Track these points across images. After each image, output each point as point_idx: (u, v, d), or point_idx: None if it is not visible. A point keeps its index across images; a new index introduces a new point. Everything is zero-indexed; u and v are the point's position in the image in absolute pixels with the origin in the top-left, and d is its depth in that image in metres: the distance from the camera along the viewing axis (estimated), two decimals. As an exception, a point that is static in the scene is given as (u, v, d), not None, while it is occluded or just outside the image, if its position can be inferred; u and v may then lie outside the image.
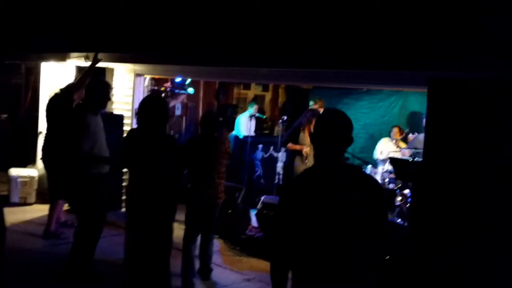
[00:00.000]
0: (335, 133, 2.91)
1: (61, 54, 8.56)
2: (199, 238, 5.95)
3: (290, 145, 8.07)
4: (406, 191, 7.57)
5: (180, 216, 6.09)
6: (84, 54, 8.12)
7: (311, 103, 10.02)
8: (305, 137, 8.03)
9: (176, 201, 5.03)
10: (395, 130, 9.61)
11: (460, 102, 4.80)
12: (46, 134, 7.23)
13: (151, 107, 4.85)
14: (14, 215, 8.05)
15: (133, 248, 4.90)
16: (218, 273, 6.17)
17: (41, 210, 7.97)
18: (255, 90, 14.11)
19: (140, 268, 4.87)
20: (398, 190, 7.90)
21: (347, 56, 5.68)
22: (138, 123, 4.94)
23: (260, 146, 11.12)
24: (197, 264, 5.94)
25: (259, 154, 11.04)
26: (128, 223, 4.96)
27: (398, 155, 8.77)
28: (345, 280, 2.83)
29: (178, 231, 7.04)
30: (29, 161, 9.43)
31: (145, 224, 4.80)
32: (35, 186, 8.84)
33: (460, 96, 4.83)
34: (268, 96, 14.33)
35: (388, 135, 9.74)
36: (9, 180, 8.79)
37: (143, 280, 4.85)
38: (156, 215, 4.78)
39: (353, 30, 5.63)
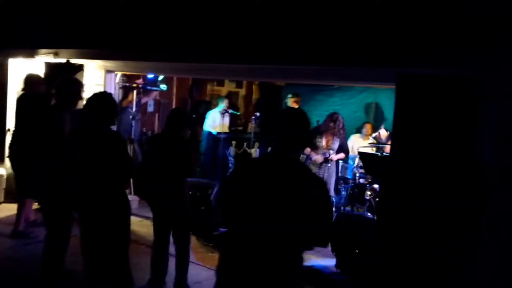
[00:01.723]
0: (288, 132, 3.12)
1: (29, 50, 8.44)
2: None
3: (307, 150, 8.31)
4: (376, 186, 7.61)
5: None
6: (53, 50, 8.02)
7: (288, 96, 10.08)
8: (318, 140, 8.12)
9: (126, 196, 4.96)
10: (368, 126, 9.66)
11: (427, 98, 4.85)
12: (15, 131, 7.13)
13: (97, 104, 4.73)
14: (-19, 215, 7.97)
15: (87, 246, 4.85)
16: (191, 270, 6.11)
17: (10, 209, 7.85)
18: (228, 86, 14.09)
19: (96, 266, 4.85)
20: (368, 185, 7.94)
21: (318, 53, 5.74)
22: (83, 120, 4.83)
23: (234, 142, 11.10)
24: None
25: (233, 150, 11.02)
26: (80, 221, 4.90)
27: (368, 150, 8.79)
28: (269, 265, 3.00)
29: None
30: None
31: (95, 221, 4.73)
32: (3, 185, 8.69)
33: (427, 92, 4.89)
34: (241, 92, 14.32)
35: (360, 131, 9.78)
36: (-24, 178, 8.64)
37: (101, 276, 4.84)
38: (105, 211, 4.71)
39: (324, 27, 5.67)
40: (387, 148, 8.69)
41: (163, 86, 10.48)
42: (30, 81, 7.16)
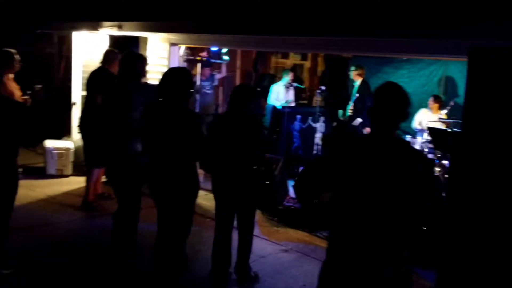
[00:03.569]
0: (389, 107, 3.01)
1: (93, 23, 8.48)
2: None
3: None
4: (445, 162, 7.36)
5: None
6: (117, 23, 8.02)
7: (352, 68, 9.87)
8: None
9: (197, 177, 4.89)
10: (431, 99, 9.33)
11: (502, 72, 4.58)
12: (86, 102, 7.22)
13: (174, 79, 4.67)
14: (50, 187, 8.17)
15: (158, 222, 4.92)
16: (255, 244, 6.07)
17: (78, 182, 8.00)
18: (293, 59, 13.92)
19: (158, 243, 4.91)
20: (437, 161, 7.71)
21: (387, 25, 5.52)
22: (159, 96, 4.73)
23: (298, 116, 10.94)
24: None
25: (297, 124, 10.88)
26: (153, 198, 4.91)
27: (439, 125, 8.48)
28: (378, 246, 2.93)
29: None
30: (64, 133, 9.46)
31: (164, 199, 4.77)
32: (71, 158, 8.87)
33: (502, 66, 4.62)
34: (306, 65, 14.10)
35: (427, 105, 9.46)
36: (45, 152, 8.83)
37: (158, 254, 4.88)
38: (176, 190, 4.69)
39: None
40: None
41: (226, 58, 10.43)
42: (108, 56, 7.20)
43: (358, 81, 9.83)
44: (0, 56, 6.87)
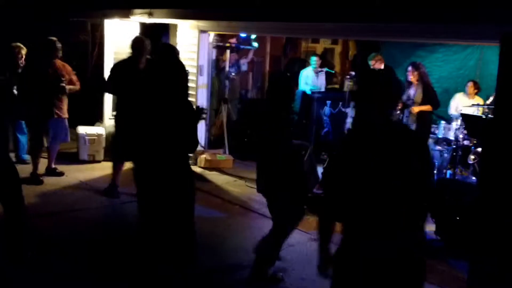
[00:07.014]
0: (373, 91, 2.95)
1: (124, 10, 8.54)
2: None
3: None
4: (480, 149, 7.17)
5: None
6: (148, 10, 8.06)
7: (369, 59, 9.69)
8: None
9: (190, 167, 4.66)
10: (470, 84, 9.13)
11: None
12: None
13: (162, 71, 4.33)
14: (82, 172, 8.30)
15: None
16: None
17: (109, 167, 8.02)
18: (324, 43, 13.77)
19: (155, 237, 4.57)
20: (473, 147, 7.51)
21: (416, 9, 5.41)
22: (151, 89, 4.41)
23: (329, 102, 10.83)
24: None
25: (328, 110, 10.77)
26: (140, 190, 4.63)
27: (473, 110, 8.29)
28: (392, 234, 2.93)
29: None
30: (96, 119, 9.55)
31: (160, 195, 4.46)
32: (103, 144, 8.97)
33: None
34: (337, 49, 13.94)
35: (464, 89, 9.26)
36: (78, 137, 8.94)
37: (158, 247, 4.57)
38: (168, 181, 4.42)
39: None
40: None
41: (255, 44, 10.39)
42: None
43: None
44: (47, 45, 7.41)
